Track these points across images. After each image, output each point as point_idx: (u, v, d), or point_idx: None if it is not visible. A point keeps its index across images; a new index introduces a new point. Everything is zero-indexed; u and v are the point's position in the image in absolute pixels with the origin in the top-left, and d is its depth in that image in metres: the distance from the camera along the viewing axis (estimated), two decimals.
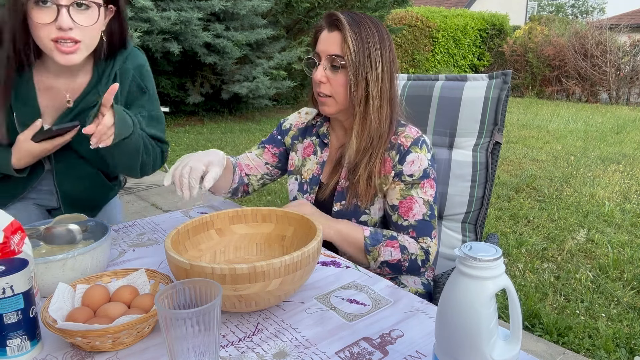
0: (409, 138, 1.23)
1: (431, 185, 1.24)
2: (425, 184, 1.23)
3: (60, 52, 1.07)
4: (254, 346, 0.80)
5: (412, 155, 1.22)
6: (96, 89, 1.25)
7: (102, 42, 1.18)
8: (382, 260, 1.20)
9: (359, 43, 1.16)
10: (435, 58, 12.77)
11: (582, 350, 2.09)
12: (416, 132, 1.25)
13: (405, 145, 1.22)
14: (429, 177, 1.23)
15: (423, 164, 1.22)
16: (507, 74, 1.47)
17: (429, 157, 1.24)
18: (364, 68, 1.17)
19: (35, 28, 1.05)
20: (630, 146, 6.03)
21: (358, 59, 1.16)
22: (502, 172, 4.90)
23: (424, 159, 1.23)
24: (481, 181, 1.48)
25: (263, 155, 1.45)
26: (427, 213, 1.23)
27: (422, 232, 1.23)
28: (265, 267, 0.79)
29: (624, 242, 3.21)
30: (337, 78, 1.19)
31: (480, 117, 1.48)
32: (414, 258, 1.21)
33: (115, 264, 1.10)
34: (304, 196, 1.36)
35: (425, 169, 1.22)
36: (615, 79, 9.98)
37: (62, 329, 0.74)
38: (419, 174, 1.22)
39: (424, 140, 1.25)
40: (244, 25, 7.15)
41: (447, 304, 0.63)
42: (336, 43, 1.17)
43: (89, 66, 1.25)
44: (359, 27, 1.17)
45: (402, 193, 1.22)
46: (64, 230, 1.07)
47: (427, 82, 1.60)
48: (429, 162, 1.23)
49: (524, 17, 20.81)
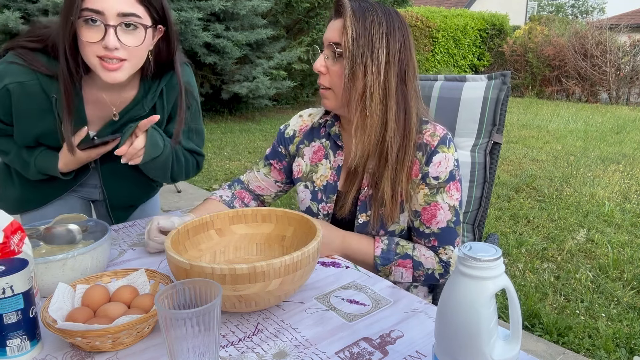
0: (435, 136, 1.12)
1: (457, 188, 1.13)
2: (452, 187, 1.12)
3: (105, 70, 1.09)
4: (254, 346, 0.80)
5: (440, 156, 1.11)
6: (141, 104, 1.28)
7: (148, 61, 1.20)
8: (392, 279, 1.15)
9: (360, 30, 1.04)
10: (435, 58, 12.76)
11: (582, 350, 2.09)
12: (442, 129, 1.14)
13: (432, 145, 1.11)
14: (455, 180, 1.13)
15: (450, 164, 1.12)
16: (506, 74, 1.47)
17: (456, 157, 1.14)
18: (362, 57, 1.04)
19: (83, 46, 1.07)
20: (630, 146, 6.03)
21: (356, 47, 1.04)
22: (502, 172, 4.90)
23: (451, 159, 1.12)
24: (479, 181, 1.48)
25: (271, 173, 1.34)
26: (451, 220, 1.13)
27: (444, 240, 1.14)
28: (265, 267, 0.79)
29: (623, 242, 3.21)
30: (335, 68, 1.09)
31: (479, 117, 1.48)
32: (430, 273, 1.14)
33: (115, 264, 1.10)
34: (319, 205, 1.24)
35: (451, 170, 1.12)
36: (615, 79, 9.98)
37: (62, 329, 0.74)
38: (445, 176, 1.11)
39: (451, 138, 1.14)
40: (244, 25, 7.16)
41: (447, 304, 0.63)
42: (337, 30, 1.07)
43: (136, 81, 1.27)
44: (363, 14, 1.05)
45: (426, 199, 1.12)
46: (63, 230, 1.07)
47: (426, 83, 1.60)
48: (455, 162, 1.13)
49: (524, 17, 20.81)
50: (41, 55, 1.17)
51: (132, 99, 1.27)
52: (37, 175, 1.30)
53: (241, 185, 1.37)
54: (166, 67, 1.28)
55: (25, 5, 5.51)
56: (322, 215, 1.25)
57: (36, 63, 1.15)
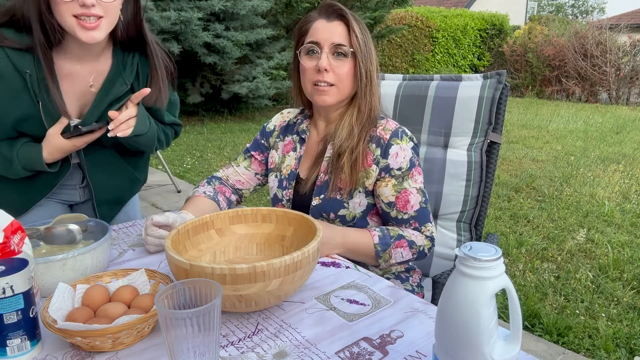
0: (387, 130, 1.24)
1: (419, 172, 1.25)
2: (414, 172, 1.24)
3: (84, 29, 1.08)
4: (254, 346, 0.80)
5: (395, 148, 1.23)
6: (122, 78, 1.27)
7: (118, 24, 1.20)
8: (393, 262, 1.21)
9: (361, 32, 1.21)
10: (435, 58, 12.76)
11: (582, 350, 2.09)
12: (395, 124, 1.26)
13: (385, 138, 1.23)
14: (416, 165, 1.25)
15: (407, 153, 1.23)
16: (501, 73, 1.47)
17: (412, 146, 1.25)
18: (367, 56, 1.21)
19: (57, 5, 1.06)
20: (630, 146, 6.03)
21: (363, 47, 1.20)
22: (502, 172, 4.90)
23: (407, 148, 1.23)
24: (476, 180, 1.49)
25: (251, 166, 1.43)
26: (422, 200, 1.24)
27: (423, 219, 1.25)
28: (265, 267, 0.79)
29: (623, 242, 3.21)
30: (341, 66, 1.21)
31: (474, 116, 1.48)
32: (422, 250, 1.23)
33: (115, 264, 1.10)
34: (283, 192, 1.35)
35: (410, 158, 1.24)
36: (615, 79, 9.99)
37: (62, 329, 0.74)
38: (407, 165, 1.23)
39: (402, 130, 1.25)
40: (244, 25, 7.15)
41: (447, 304, 0.63)
42: (340, 32, 1.20)
43: (109, 52, 1.25)
44: (356, 18, 1.22)
45: (396, 188, 1.23)
46: (64, 230, 1.07)
47: (422, 82, 1.60)
48: (412, 150, 1.25)
49: (524, 17, 20.82)
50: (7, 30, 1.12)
51: (108, 70, 1.25)
52: (21, 171, 1.24)
53: (219, 181, 1.42)
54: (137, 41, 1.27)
55: None
56: (285, 201, 1.35)
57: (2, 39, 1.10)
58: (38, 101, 1.15)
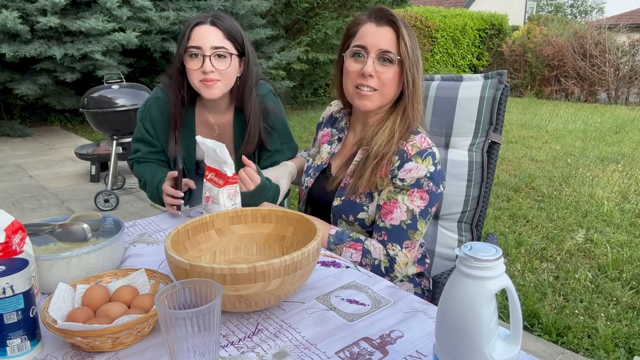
0: (415, 147, 1.21)
1: (422, 197, 1.19)
2: (415, 193, 1.19)
3: (205, 87, 1.46)
4: (254, 346, 0.80)
5: (411, 164, 1.20)
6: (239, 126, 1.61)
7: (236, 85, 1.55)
8: None
9: (410, 40, 1.20)
10: (435, 58, 12.76)
11: (581, 350, 2.09)
12: (427, 143, 1.22)
13: (410, 154, 1.20)
14: (422, 188, 1.20)
15: (419, 174, 1.19)
16: (502, 74, 1.47)
17: (431, 170, 1.20)
18: (414, 63, 1.21)
19: (189, 74, 1.47)
20: (629, 146, 6.03)
21: (411, 55, 1.19)
22: (501, 171, 4.90)
23: (423, 169, 1.19)
24: (477, 180, 1.49)
25: None
26: (406, 221, 1.19)
27: (393, 238, 1.20)
28: (265, 267, 0.79)
29: (622, 241, 3.21)
30: (387, 72, 1.20)
31: (475, 116, 1.48)
32: (376, 264, 1.19)
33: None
34: (306, 178, 1.42)
35: (419, 178, 1.19)
36: (614, 79, 9.99)
37: (62, 329, 0.74)
38: (411, 181, 1.19)
39: (430, 152, 1.21)
40: (243, 25, 7.15)
41: (447, 304, 0.63)
42: (388, 38, 1.19)
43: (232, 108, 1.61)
44: (406, 25, 1.21)
45: (389, 195, 1.21)
46: (78, 228, 1.07)
47: (423, 82, 1.60)
48: (428, 174, 1.20)
49: (523, 17, 20.82)
50: None
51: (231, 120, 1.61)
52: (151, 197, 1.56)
53: None
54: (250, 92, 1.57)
55: (24, 5, 5.50)
56: (304, 187, 1.41)
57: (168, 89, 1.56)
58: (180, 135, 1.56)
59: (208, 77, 1.44)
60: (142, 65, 6.93)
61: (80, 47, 5.62)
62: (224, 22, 1.48)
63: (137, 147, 1.61)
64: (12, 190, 4.37)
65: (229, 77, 1.49)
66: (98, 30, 5.56)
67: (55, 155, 5.68)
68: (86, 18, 5.62)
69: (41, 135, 6.77)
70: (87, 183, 4.55)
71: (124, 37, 5.65)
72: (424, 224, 1.21)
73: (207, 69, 1.42)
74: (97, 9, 5.77)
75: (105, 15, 5.71)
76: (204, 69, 1.43)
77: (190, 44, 1.44)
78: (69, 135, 6.82)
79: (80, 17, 5.70)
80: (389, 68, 1.20)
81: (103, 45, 5.66)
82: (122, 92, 3.85)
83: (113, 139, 3.88)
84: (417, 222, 1.20)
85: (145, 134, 1.59)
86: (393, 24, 1.20)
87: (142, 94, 3.95)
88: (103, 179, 4.45)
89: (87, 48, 5.61)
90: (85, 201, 4.03)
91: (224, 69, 1.45)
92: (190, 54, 1.44)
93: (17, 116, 7.26)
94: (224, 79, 1.47)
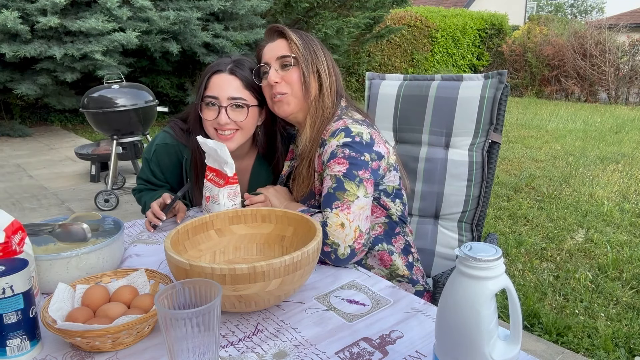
0: (329, 132, 1.25)
1: (339, 162, 1.19)
2: (332, 164, 1.20)
3: (220, 139, 1.40)
4: (253, 346, 0.80)
5: (327, 145, 1.24)
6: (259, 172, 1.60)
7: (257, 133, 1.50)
8: None
9: (302, 41, 1.29)
10: (435, 58, 12.76)
11: (581, 350, 2.09)
12: (342, 123, 1.25)
13: (325, 138, 1.25)
14: (336, 157, 1.20)
15: (332, 147, 1.22)
16: (502, 73, 1.47)
17: (345, 141, 1.21)
18: (313, 61, 1.29)
19: (204, 122, 1.43)
20: (629, 146, 6.03)
21: (306, 52, 1.28)
22: (501, 171, 4.90)
23: (334, 143, 1.22)
24: (477, 180, 1.49)
25: None
26: (331, 186, 1.18)
27: (325, 204, 1.17)
28: (265, 267, 0.79)
29: (623, 241, 3.21)
30: (290, 75, 1.28)
31: (476, 116, 1.48)
32: None
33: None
34: None
35: (332, 151, 1.21)
36: (614, 79, 9.99)
37: (61, 329, 0.74)
38: (327, 157, 1.22)
39: (343, 129, 1.23)
40: (243, 25, 7.15)
41: (447, 304, 0.63)
42: (282, 46, 1.29)
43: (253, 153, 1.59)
44: (298, 32, 1.31)
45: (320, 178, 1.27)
46: (78, 228, 1.07)
47: (423, 82, 1.60)
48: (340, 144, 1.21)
49: (523, 17, 20.82)
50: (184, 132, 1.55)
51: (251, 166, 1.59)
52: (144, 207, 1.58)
53: None
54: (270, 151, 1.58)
55: (24, 5, 5.50)
56: None
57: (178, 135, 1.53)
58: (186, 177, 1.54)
59: (223, 127, 1.39)
60: (142, 65, 6.94)
61: (80, 47, 5.62)
62: (243, 71, 1.41)
63: (143, 185, 1.59)
64: (12, 190, 4.37)
65: (247, 128, 1.43)
66: (98, 30, 5.55)
67: (55, 155, 5.68)
68: (86, 18, 5.62)
69: (41, 135, 6.77)
70: (87, 183, 4.55)
71: (124, 37, 5.65)
72: (353, 185, 1.17)
73: (222, 121, 1.37)
74: (97, 9, 5.77)
75: (105, 15, 5.70)
76: (219, 120, 1.38)
77: (207, 93, 1.40)
78: (69, 135, 6.82)
79: (80, 17, 5.70)
80: (291, 69, 1.28)
81: (103, 45, 5.66)
82: (122, 92, 3.84)
83: (113, 139, 3.88)
84: (343, 183, 1.17)
85: (151, 177, 1.56)
86: (282, 34, 1.31)
87: (142, 94, 3.95)
88: (103, 179, 4.45)
89: (87, 48, 5.61)
90: (85, 201, 4.03)
91: (240, 120, 1.40)
92: (207, 102, 1.40)
93: (17, 116, 7.26)
94: (241, 130, 1.43)
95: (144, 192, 1.58)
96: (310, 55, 1.29)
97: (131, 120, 3.82)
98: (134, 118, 3.82)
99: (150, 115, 3.98)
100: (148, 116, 3.95)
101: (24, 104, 7.45)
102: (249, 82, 1.40)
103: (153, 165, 1.55)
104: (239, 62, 1.42)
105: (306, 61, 1.28)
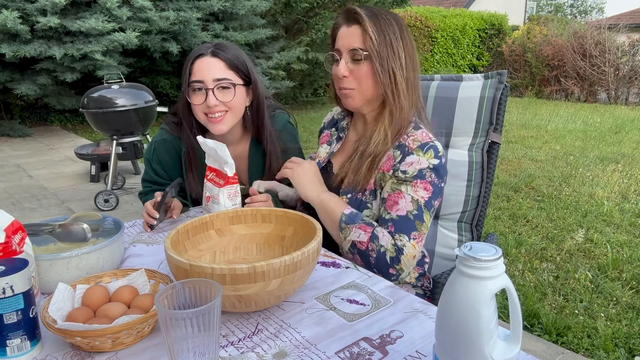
0: (416, 141, 1.21)
1: (426, 187, 1.18)
2: (418, 184, 1.18)
3: (212, 122, 1.43)
4: (253, 346, 0.80)
5: (413, 157, 1.19)
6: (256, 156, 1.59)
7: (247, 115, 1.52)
8: (350, 239, 1.18)
9: (380, 33, 1.18)
10: (434, 58, 12.76)
11: (581, 350, 2.09)
12: (428, 137, 1.22)
13: (411, 148, 1.20)
14: (424, 179, 1.18)
15: (421, 165, 1.18)
16: (502, 73, 1.47)
17: (434, 163, 1.19)
18: (388, 57, 1.19)
19: (194, 109, 1.43)
20: (629, 146, 6.03)
21: (381, 48, 1.18)
22: (501, 171, 4.90)
23: (424, 161, 1.19)
24: (477, 180, 1.49)
25: None
26: (412, 211, 1.17)
27: (401, 229, 1.16)
28: (265, 267, 0.79)
29: (622, 241, 3.21)
30: (360, 69, 1.21)
31: (475, 116, 1.48)
32: (382, 251, 1.15)
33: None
34: None
35: (421, 169, 1.18)
36: (614, 79, 9.99)
37: (61, 329, 0.74)
38: (413, 173, 1.18)
39: (432, 145, 1.21)
40: (243, 25, 7.15)
41: (447, 304, 0.63)
42: (356, 36, 1.20)
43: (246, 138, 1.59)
44: (377, 19, 1.19)
45: (392, 187, 1.20)
46: (78, 228, 1.07)
47: (423, 82, 1.60)
48: (431, 166, 1.19)
49: (522, 17, 20.82)
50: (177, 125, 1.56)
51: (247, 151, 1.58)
52: None
53: None
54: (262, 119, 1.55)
55: (24, 5, 5.50)
56: None
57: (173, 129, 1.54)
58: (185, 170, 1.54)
59: (213, 110, 1.39)
60: (142, 65, 6.94)
61: (80, 47, 5.62)
62: (225, 52, 1.42)
63: (148, 187, 1.59)
64: (12, 190, 4.37)
65: (236, 108, 1.44)
66: (98, 30, 5.56)
67: (55, 155, 5.68)
68: (86, 18, 5.62)
69: (41, 135, 6.77)
70: (87, 183, 4.55)
71: (124, 37, 5.65)
72: (428, 216, 1.19)
73: (210, 103, 1.38)
74: (97, 9, 5.77)
75: (105, 15, 5.70)
76: (207, 103, 1.38)
77: (192, 79, 1.40)
78: (69, 135, 6.82)
79: (80, 17, 5.70)
80: (361, 64, 1.20)
81: (103, 45, 5.66)
82: (122, 92, 3.84)
83: (113, 139, 3.88)
84: (422, 213, 1.17)
85: (154, 176, 1.57)
86: (358, 21, 1.20)
87: (142, 94, 3.95)
88: (103, 179, 4.45)
89: (87, 48, 5.61)
90: (85, 201, 4.03)
91: (228, 100, 1.41)
92: (194, 88, 1.40)
93: (17, 116, 7.26)
94: (230, 111, 1.43)
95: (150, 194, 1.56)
96: (386, 49, 1.18)
97: (131, 121, 3.83)
98: (133, 118, 3.82)
99: (150, 115, 3.98)
100: (148, 116, 3.96)
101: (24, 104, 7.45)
102: (232, 62, 1.41)
103: (155, 164, 1.56)
104: (220, 45, 1.43)
105: (380, 59, 1.18)
